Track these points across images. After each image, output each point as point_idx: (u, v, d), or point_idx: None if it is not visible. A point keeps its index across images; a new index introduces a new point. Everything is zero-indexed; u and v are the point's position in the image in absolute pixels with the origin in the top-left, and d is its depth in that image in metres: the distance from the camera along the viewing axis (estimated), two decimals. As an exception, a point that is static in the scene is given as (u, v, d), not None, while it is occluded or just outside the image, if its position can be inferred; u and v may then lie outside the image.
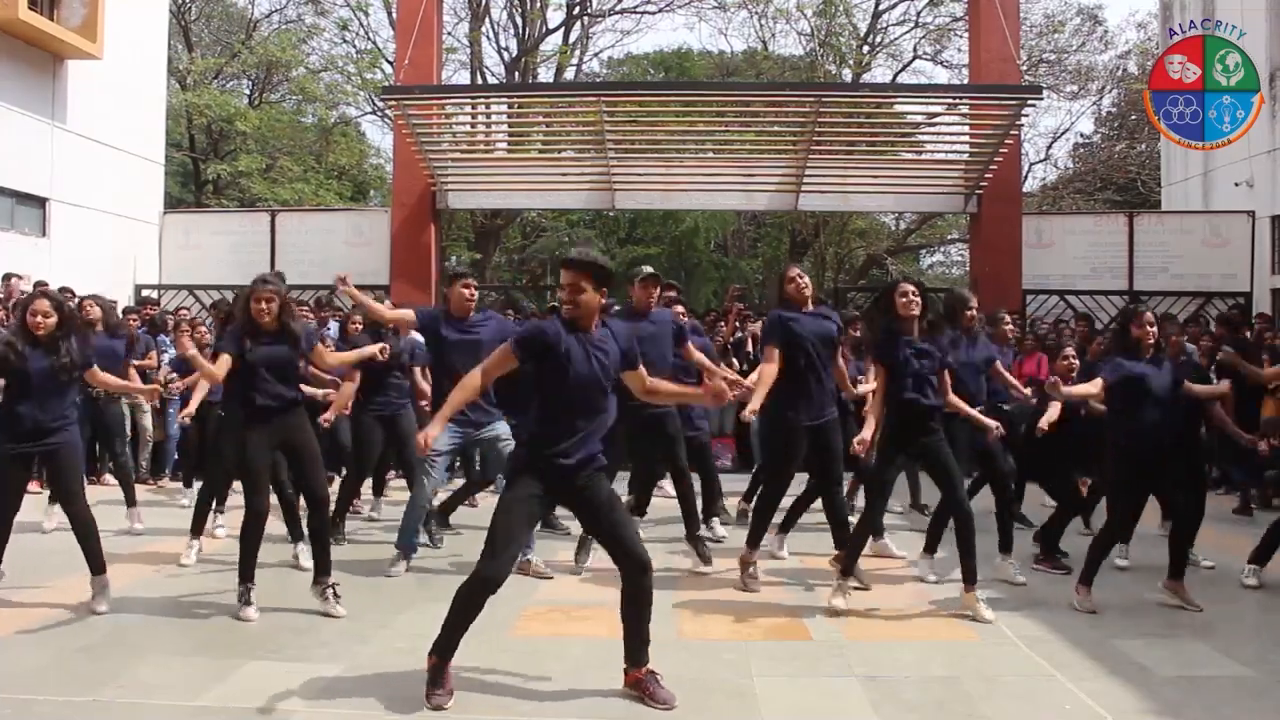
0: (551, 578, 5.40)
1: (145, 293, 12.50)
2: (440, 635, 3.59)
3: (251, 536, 4.65)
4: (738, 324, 9.75)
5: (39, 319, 4.63)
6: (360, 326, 7.10)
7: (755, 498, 5.72)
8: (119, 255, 12.67)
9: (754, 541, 5.33)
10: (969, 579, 4.74)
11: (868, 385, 5.55)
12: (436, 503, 6.34)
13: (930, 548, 5.59)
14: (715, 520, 6.52)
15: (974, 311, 5.88)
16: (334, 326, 9.97)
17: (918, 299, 4.83)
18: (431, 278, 12.69)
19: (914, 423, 4.83)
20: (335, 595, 4.70)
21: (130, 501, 6.79)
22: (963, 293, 5.99)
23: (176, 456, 9.42)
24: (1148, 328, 4.90)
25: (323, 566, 4.78)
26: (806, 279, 5.30)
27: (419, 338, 6.43)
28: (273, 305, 4.73)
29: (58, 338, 4.67)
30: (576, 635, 4.36)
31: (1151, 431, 4.80)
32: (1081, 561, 5.05)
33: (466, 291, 5.61)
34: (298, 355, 4.88)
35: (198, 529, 5.85)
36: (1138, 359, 4.89)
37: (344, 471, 7.25)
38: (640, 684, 3.59)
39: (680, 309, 6.64)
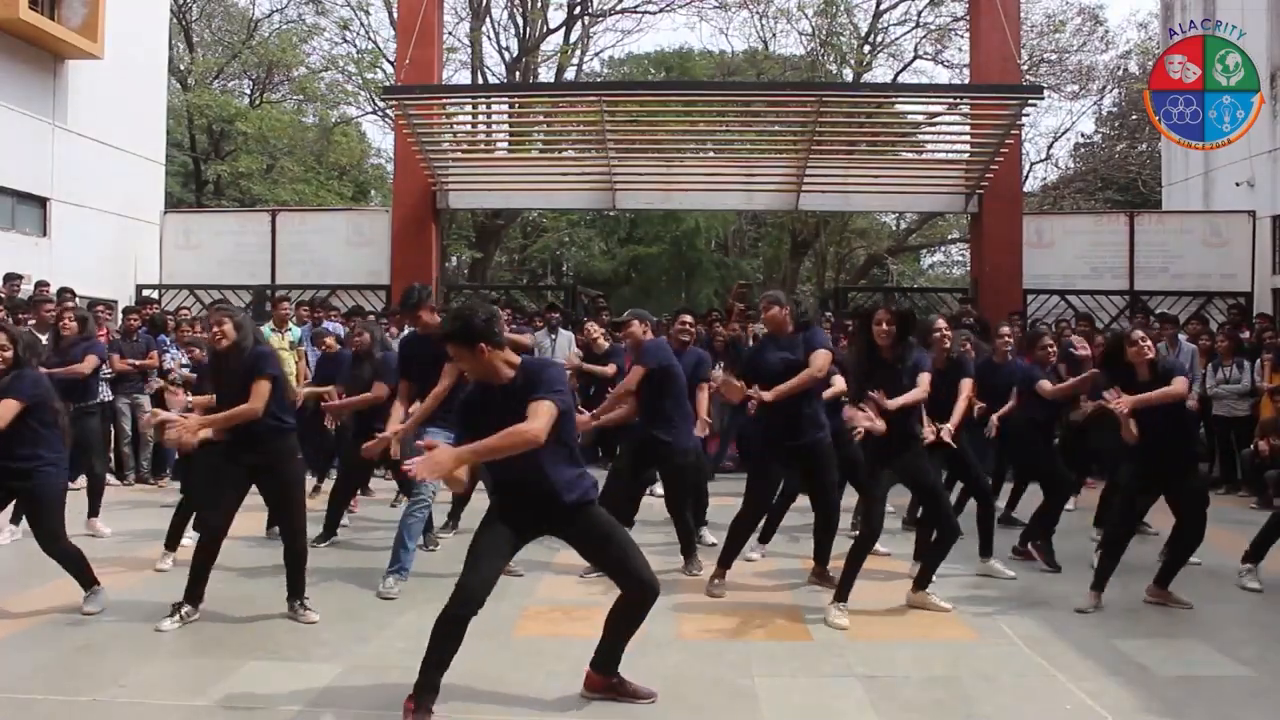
0: (521, 575, 5.38)
1: (145, 293, 12.49)
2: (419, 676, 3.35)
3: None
4: (738, 324, 9.74)
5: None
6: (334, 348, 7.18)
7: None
8: (119, 255, 12.67)
9: (725, 561, 5.27)
10: (922, 582, 4.88)
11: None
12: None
13: (920, 554, 5.60)
14: (704, 529, 6.51)
15: (942, 334, 5.78)
16: (328, 326, 9.92)
17: (891, 327, 4.74)
18: (432, 278, 12.68)
19: (886, 440, 4.79)
20: (304, 607, 4.63)
21: (93, 511, 6.68)
22: (929, 319, 5.89)
23: (177, 456, 9.41)
24: (1140, 344, 4.92)
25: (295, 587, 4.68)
26: (781, 310, 5.22)
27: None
28: (225, 328, 4.54)
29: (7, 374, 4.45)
30: (576, 635, 4.35)
31: (1153, 447, 4.84)
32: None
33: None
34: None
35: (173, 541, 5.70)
36: (1133, 380, 4.92)
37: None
38: (614, 687, 3.58)
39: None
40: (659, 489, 7.04)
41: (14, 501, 4.83)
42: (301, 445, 4.83)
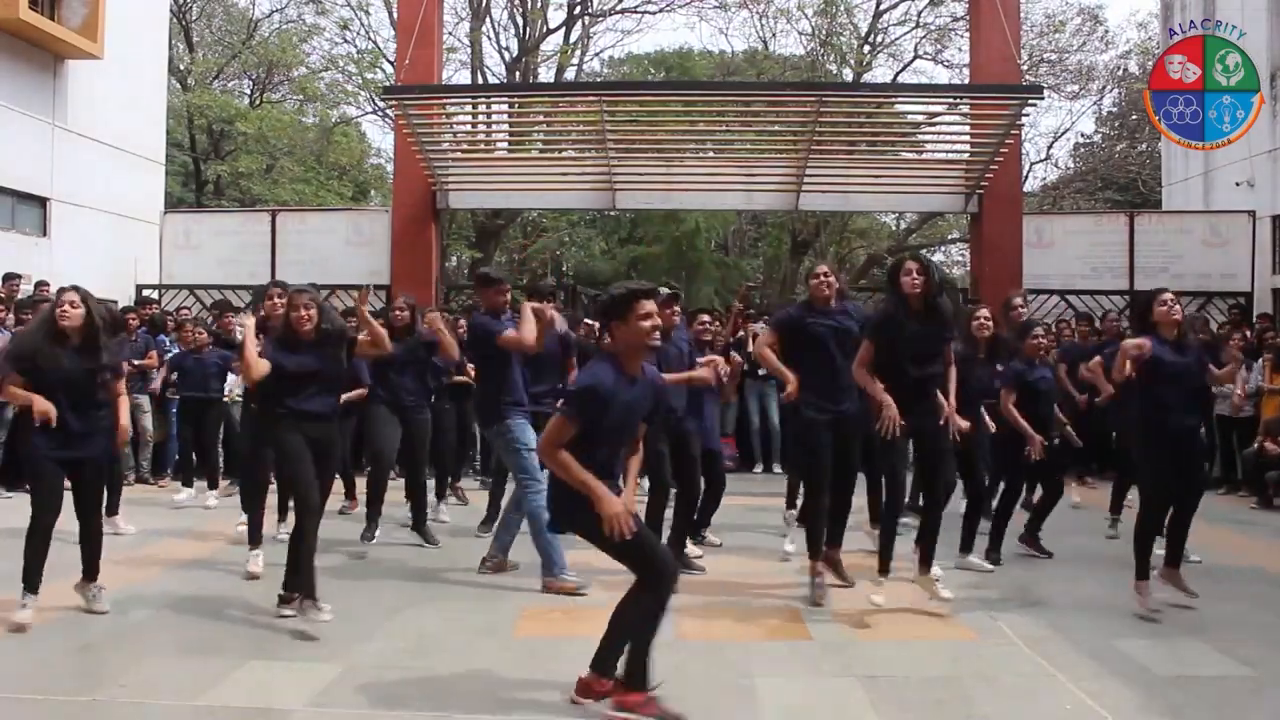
0: (517, 566, 5.38)
1: (145, 293, 12.48)
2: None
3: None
4: (739, 322, 9.74)
5: (66, 309, 4.48)
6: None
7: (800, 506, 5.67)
8: (119, 255, 12.66)
9: (815, 551, 5.11)
10: (924, 563, 4.82)
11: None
12: None
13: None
14: (706, 531, 6.47)
15: (982, 323, 5.85)
16: None
17: (921, 277, 4.72)
18: (432, 278, 12.68)
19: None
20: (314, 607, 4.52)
21: (113, 509, 6.51)
22: (969, 308, 5.98)
23: (178, 456, 9.42)
24: (1170, 304, 4.88)
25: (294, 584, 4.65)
26: (830, 278, 5.18)
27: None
28: (312, 313, 4.67)
29: (90, 336, 4.54)
30: (576, 635, 4.35)
31: (1173, 414, 4.81)
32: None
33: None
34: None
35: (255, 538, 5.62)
36: (1161, 341, 4.87)
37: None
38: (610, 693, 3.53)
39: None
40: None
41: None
42: None
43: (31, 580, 4.46)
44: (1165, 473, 4.89)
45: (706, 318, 6.77)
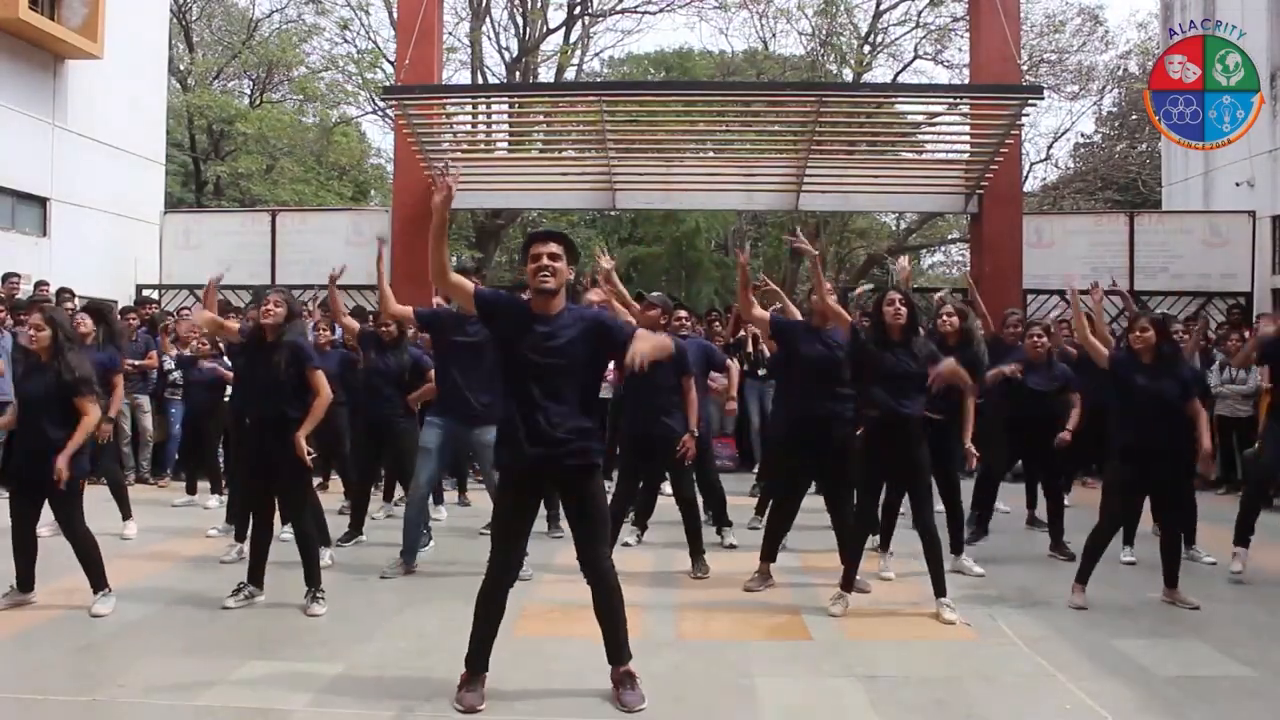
0: (529, 578, 5.36)
1: (145, 293, 12.48)
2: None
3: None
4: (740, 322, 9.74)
5: (31, 333, 4.61)
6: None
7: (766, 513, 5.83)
8: (119, 255, 12.67)
9: (765, 555, 5.31)
10: (938, 590, 4.79)
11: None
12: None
13: (884, 544, 5.58)
14: (728, 530, 6.48)
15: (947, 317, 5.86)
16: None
17: (904, 308, 4.78)
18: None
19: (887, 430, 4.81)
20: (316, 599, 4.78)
21: (126, 514, 6.62)
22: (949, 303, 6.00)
23: (177, 456, 9.42)
24: (1140, 333, 4.97)
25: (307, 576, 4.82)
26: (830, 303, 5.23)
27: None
28: (279, 311, 4.77)
29: (54, 353, 4.57)
30: (576, 635, 4.34)
31: (1144, 436, 4.84)
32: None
33: None
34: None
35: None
36: (1138, 363, 4.96)
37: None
38: (613, 683, 3.59)
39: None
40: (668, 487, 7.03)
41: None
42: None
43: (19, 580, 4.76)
44: (1123, 489, 4.98)
45: (684, 313, 6.79)
